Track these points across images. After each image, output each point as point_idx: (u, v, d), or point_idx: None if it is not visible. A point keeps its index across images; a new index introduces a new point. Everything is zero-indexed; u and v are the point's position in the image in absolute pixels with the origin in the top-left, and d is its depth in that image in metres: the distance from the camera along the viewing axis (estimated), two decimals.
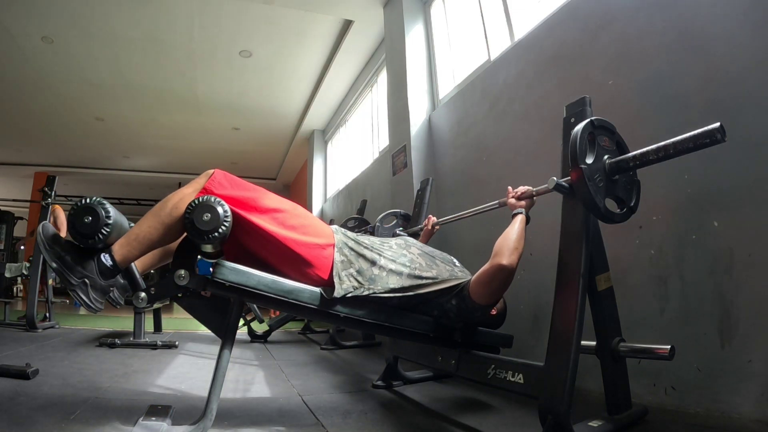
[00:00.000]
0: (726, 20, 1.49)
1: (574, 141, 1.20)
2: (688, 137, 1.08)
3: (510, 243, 1.36)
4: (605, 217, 1.25)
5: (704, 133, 1.04)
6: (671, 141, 1.12)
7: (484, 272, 1.37)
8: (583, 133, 1.22)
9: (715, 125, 1.02)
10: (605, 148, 1.28)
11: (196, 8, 4.09)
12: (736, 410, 1.35)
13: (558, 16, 2.27)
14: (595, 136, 1.25)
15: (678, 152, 1.12)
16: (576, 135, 1.21)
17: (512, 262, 1.32)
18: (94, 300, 1.14)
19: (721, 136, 1.02)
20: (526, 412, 1.51)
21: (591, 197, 1.19)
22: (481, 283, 1.38)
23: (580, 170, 1.18)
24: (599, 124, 1.27)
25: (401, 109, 3.54)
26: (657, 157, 1.16)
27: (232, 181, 1.27)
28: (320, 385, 2.00)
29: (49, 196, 3.70)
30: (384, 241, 1.53)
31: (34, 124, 6.80)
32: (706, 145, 1.05)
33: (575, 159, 1.19)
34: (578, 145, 1.20)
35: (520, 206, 1.50)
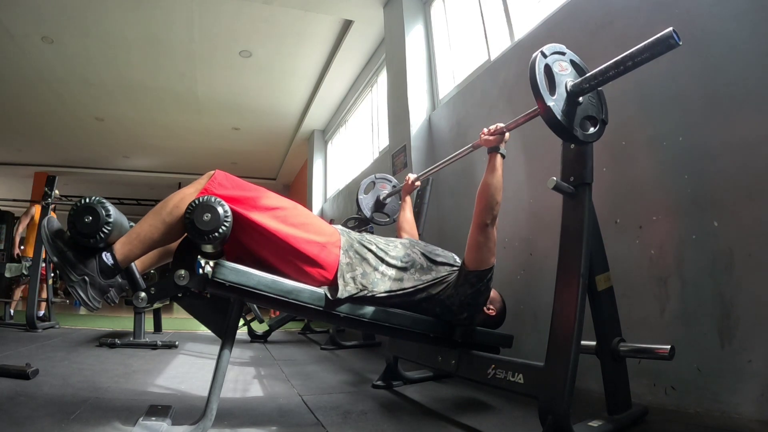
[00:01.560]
0: (726, 20, 1.49)
1: (532, 77, 1.20)
2: (643, 47, 1.08)
3: (491, 197, 1.41)
4: (583, 141, 1.26)
5: (658, 41, 1.05)
6: (627, 53, 1.11)
7: (473, 240, 1.43)
8: (538, 65, 1.21)
9: (668, 30, 1.03)
10: (562, 73, 1.26)
11: (196, 8, 4.09)
12: (736, 410, 1.35)
13: (558, 16, 2.27)
14: (551, 65, 1.25)
15: (636, 64, 1.11)
16: (532, 70, 1.21)
17: (494, 218, 1.42)
18: (92, 298, 1.14)
19: (675, 41, 1.03)
20: (526, 412, 1.51)
21: (565, 127, 1.20)
22: (473, 250, 1.43)
23: (546, 106, 1.18)
24: (550, 51, 1.27)
25: (401, 109, 3.54)
26: (617, 71, 1.14)
27: (232, 181, 1.27)
28: (320, 385, 2.00)
29: (49, 195, 3.70)
30: (389, 240, 1.53)
31: (34, 124, 6.80)
32: (662, 52, 1.06)
33: (538, 94, 1.19)
34: (537, 80, 1.19)
35: (494, 143, 1.50)
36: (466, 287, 1.43)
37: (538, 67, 1.21)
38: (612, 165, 1.82)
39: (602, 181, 1.72)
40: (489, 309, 1.57)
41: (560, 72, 1.25)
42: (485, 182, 1.45)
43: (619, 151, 1.82)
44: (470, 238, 1.45)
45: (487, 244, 1.42)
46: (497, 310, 1.60)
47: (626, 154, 1.80)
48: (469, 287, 1.43)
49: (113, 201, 2.70)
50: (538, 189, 2.23)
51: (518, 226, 2.36)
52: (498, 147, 1.49)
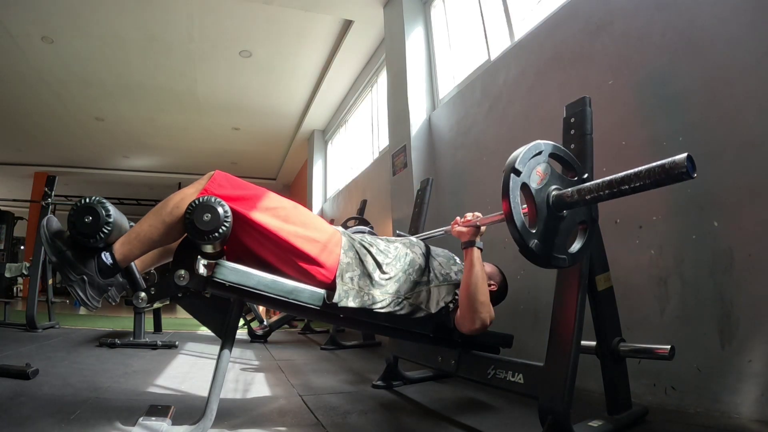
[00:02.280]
0: (726, 20, 1.49)
1: (506, 206, 1.00)
2: (648, 171, 0.88)
3: (473, 299, 1.35)
4: (570, 264, 1.10)
5: (668, 170, 0.84)
6: (626, 175, 0.93)
7: (462, 327, 1.41)
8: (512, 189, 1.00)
9: (682, 157, 0.82)
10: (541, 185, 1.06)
11: (196, 8, 4.09)
12: (736, 410, 1.35)
13: (558, 16, 2.27)
14: (528, 182, 1.03)
15: (634, 189, 0.92)
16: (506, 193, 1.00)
17: (483, 321, 1.36)
18: (91, 298, 1.14)
19: (688, 173, 0.81)
20: (526, 412, 1.51)
21: (547, 261, 1.03)
22: (462, 330, 1.42)
23: (525, 245, 1.00)
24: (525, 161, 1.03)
25: (401, 109, 3.54)
26: (610, 192, 0.96)
27: (232, 181, 1.27)
28: (320, 385, 2.00)
29: (49, 195, 3.70)
30: (390, 241, 1.53)
31: (34, 124, 6.81)
32: (669, 182, 0.86)
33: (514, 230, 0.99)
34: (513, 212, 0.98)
35: (468, 236, 1.41)
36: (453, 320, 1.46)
37: (513, 192, 1.00)
38: (612, 165, 1.82)
39: None
40: (490, 284, 1.55)
41: (539, 185, 1.05)
42: (464, 283, 1.37)
43: (619, 151, 1.82)
44: (461, 327, 1.40)
45: (479, 334, 1.42)
46: (498, 283, 1.60)
47: (626, 154, 1.80)
48: None
49: (113, 201, 2.71)
50: None
51: None
52: (472, 242, 1.40)
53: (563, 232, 1.09)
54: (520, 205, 1.02)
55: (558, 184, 1.08)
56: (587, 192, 1.00)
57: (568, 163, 1.16)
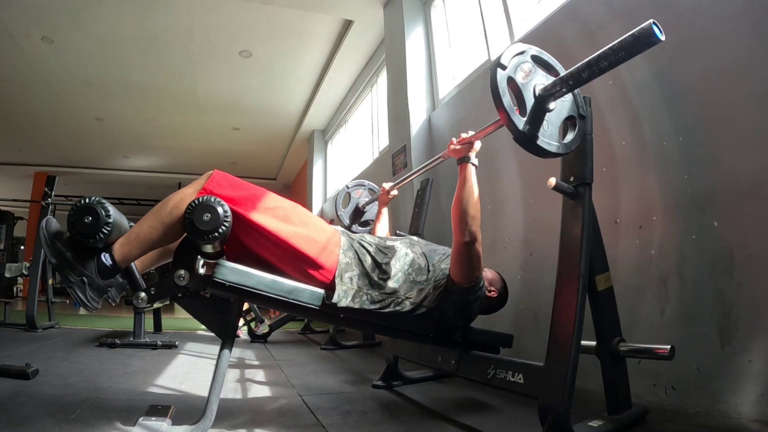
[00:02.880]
0: (726, 20, 1.49)
1: (494, 93, 1.08)
2: (620, 45, 0.95)
3: (464, 212, 1.35)
4: (563, 152, 1.17)
5: (637, 37, 0.92)
6: (602, 52, 0.98)
7: (454, 256, 1.39)
8: (500, 82, 1.07)
9: (647, 24, 0.90)
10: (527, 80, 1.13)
11: (195, 8, 4.09)
12: (736, 410, 1.35)
13: (558, 16, 2.27)
14: (513, 76, 1.10)
15: (612, 63, 0.98)
16: (494, 86, 1.07)
17: (473, 234, 1.35)
18: (91, 299, 1.14)
19: (656, 37, 0.88)
20: (526, 412, 1.50)
21: (533, 142, 1.09)
22: (456, 266, 1.39)
23: (511, 121, 1.06)
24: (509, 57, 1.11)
25: (401, 109, 3.54)
26: (590, 72, 1.01)
27: (231, 181, 1.27)
28: (320, 385, 2.00)
29: (49, 195, 3.70)
30: (389, 240, 1.53)
31: (34, 124, 6.81)
32: (641, 49, 0.93)
33: (501, 107, 1.07)
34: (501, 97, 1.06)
35: (464, 152, 1.43)
36: (454, 297, 1.42)
37: (500, 84, 1.08)
38: (612, 165, 1.82)
39: (602, 181, 1.73)
40: (490, 291, 1.55)
41: (524, 80, 1.12)
42: (456, 197, 1.38)
43: (619, 151, 1.82)
44: (452, 254, 1.40)
45: (470, 263, 1.37)
46: (498, 290, 1.59)
47: (626, 154, 1.80)
48: (457, 297, 1.42)
49: (113, 201, 2.71)
50: (537, 189, 2.24)
51: (518, 226, 2.36)
52: (467, 157, 1.42)
53: (554, 124, 1.15)
54: (509, 96, 1.08)
55: (543, 81, 1.14)
56: (568, 77, 1.05)
57: (550, 65, 1.20)
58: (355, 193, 2.76)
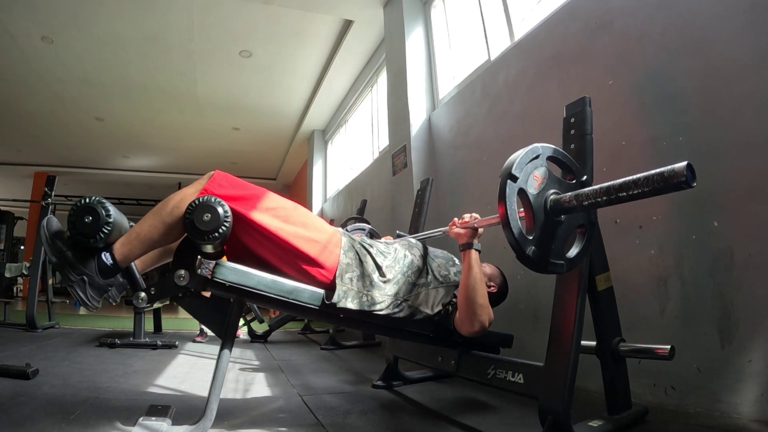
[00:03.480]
0: (726, 20, 1.49)
1: (503, 214, 1.00)
2: (647, 179, 0.87)
3: (472, 301, 1.33)
4: (556, 272, 1.08)
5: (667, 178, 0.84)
6: (625, 182, 0.92)
7: (461, 329, 1.39)
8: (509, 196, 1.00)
9: (681, 165, 0.82)
10: (537, 190, 1.05)
11: (195, 8, 4.09)
12: (736, 410, 1.35)
13: (558, 16, 2.27)
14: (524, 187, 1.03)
15: (632, 197, 0.91)
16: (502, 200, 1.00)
17: (482, 323, 1.34)
18: (92, 298, 1.14)
19: (687, 182, 0.81)
20: (526, 412, 1.51)
21: (543, 267, 1.03)
22: (461, 332, 1.41)
23: (523, 252, 1.00)
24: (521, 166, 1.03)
25: (401, 109, 3.54)
26: (608, 199, 0.95)
27: (232, 181, 1.27)
28: (320, 385, 2.00)
29: (49, 195, 3.70)
30: (389, 244, 1.53)
31: (34, 124, 6.80)
32: (668, 190, 0.85)
33: (512, 241, 1.00)
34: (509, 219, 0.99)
35: (466, 238, 1.41)
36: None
37: (509, 198, 0.99)
38: (612, 165, 1.82)
39: (602, 181, 1.72)
40: (490, 286, 1.55)
41: (536, 190, 1.04)
42: (462, 285, 1.36)
43: (619, 151, 1.82)
44: (460, 329, 1.39)
45: (478, 336, 1.40)
46: (498, 285, 1.59)
47: (626, 154, 1.80)
48: None
49: (113, 201, 2.70)
50: None
51: None
52: (470, 244, 1.39)
53: (561, 237, 1.08)
54: (517, 211, 1.01)
55: (556, 188, 1.07)
56: (585, 198, 0.99)
57: (567, 166, 1.16)
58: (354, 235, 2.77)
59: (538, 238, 1.03)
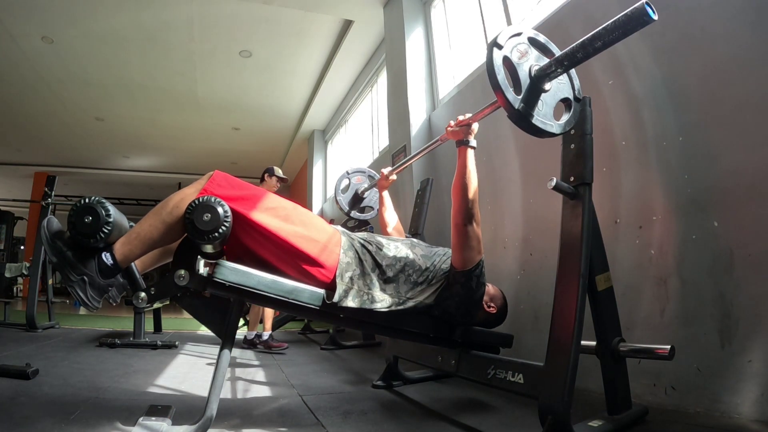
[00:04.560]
0: (726, 20, 1.49)
1: (490, 72, 1.09)
2: (614, 24, 0.96)
3: (464, 194, 1.37)
4: (559, 132, 1.18)
5: (631, 17, 0.92)
6: (596, 32, 1.00)
7: (455, 239, 1.41)
8: (496, 60, 1.09)
9: (640, 4, 0.90)
10: (522, 60, 1.14)
11: (195, 8, 4.09)
12: (736, 410, 1.35)
13: (558, 16, 2.27)
14: (509, 55, 1.12)
15: (606, 43, 1.00)
16: (490, 66, 1.09)
17: (473, 215, 1.37)
18: (92, 298, 1.14)
19: (649, 16, 0.89)
20: (526, 412, 1.51)
21: (529, 121, 1.10)
22: (457, 249, 1.41)
23: (506, 100, 1.07)
24: (506, 38, 1.13)
25: (401, 109, 3.54)
26: (585, 53, 1.03)
27: (232, 181, 1.27)
28: (320, 385, 2.00)
29: (49, 195, 3.70)
30: (390, 240, 1.53)
31: (34, 124, 6.81)
32: (635, 28, 0.94)
33: (497, 87, 1.08)
34: (497, 76, 1.07)
35: (461, 135, 1.46)
36: (457, 287, 1.43)
37: (496, 62, 1.10)
38: (612, 165, 1.82)
39: (602, 181, 1.73)
40: (490, 307, 1.56)
41: (520, 60, 1.14)
42: (456, 179, 1.41)
43: (619, 151, 1.82)
44: (452, 239, 1.43)
45: (468, 243, 1.40)
46: (498, 307, 1.59)
47: (626, 154, 1.80)
48: (460, 287, 1.43)
49: (113, 201, 2.71)
50: (537, 189, 2.24)
51: (518, 226, 2.36)
52: (466, 140, 1.45)
53: (548, 104, 1.16)
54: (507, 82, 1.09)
55: (538, 62, 1.16)
56: (563, 57, 1.07)
57: (547, 48, 1.21)
58: (354, 179, 2.77)
59: (526, 98, 1.11)
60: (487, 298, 1.54)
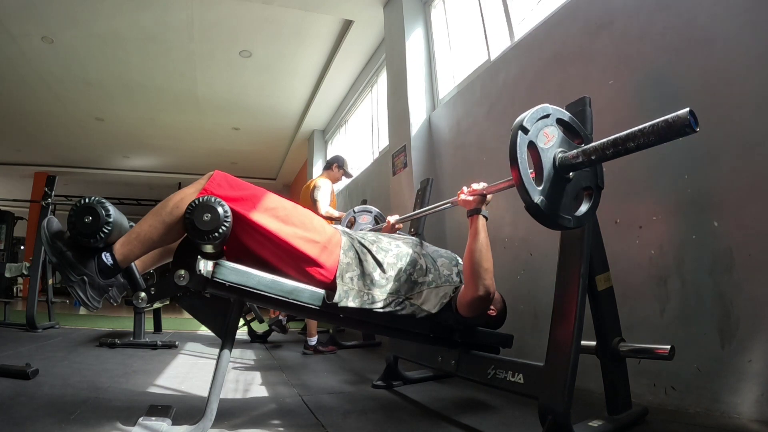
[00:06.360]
0: (726, 20, 1.49)
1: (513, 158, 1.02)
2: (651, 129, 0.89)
3: (478, 265, 1.33)
4: (576, 226, 1.11)
5: (671, 125, 0.85)
6: (631, 133, 0.93)
7: (466, 302, 1.38)
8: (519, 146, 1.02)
9: (684, 112, 0.83)
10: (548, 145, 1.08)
11: (195, 8, 4.09)
12: (736, 410, 1.35)
13: (558, 16, 2.27)
14: (535, 140, 1.05)
15: (639, 147, 0.93)
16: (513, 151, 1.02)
17: (487, 287, 1.33)
18: (92, 298, 1.14)
19: (691, 127, 0.83)
20: (526, 412, 1.51)
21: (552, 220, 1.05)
22: (466, 309, 1.39)
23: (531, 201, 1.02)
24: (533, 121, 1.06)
25: (401, 109, 3.54)
26: (615, 151, 0.96)
27: (231, 181, 1.27)
28: (320, 385, 2.00)
29: (49, 195, 3.70)
30: (392, 238, 1.53)
31: (34, 124, 6.80)
32: (672, 137, 0.87)
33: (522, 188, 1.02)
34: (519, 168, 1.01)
35: (474, 204, 1.41)
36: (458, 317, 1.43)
37: (520, 148, 1.02)
38: (612, 165, 1.82)
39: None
40: (490, 310, 1.56)
41: (546, 145, 1.07)
42: (468, 249, 1.35)
43: None
44: (463, 298, 1.38)
45: (481, 309, 1.39)
46: (498, 310, 1.59)
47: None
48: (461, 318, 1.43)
49: (113, 201, 2.71)
50: None
51: (518, 226, 2.36)
52: (478, 209, 1.40)
53: (569, 194, 1.10)
54: (528, 170, 1.03)
55: (564, 147, 1.09)
56: (592, 151, 1.01)
57: (575, 130, 1.17)
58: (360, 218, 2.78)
59: (547, 190, 1.05)
60: None
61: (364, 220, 2.76)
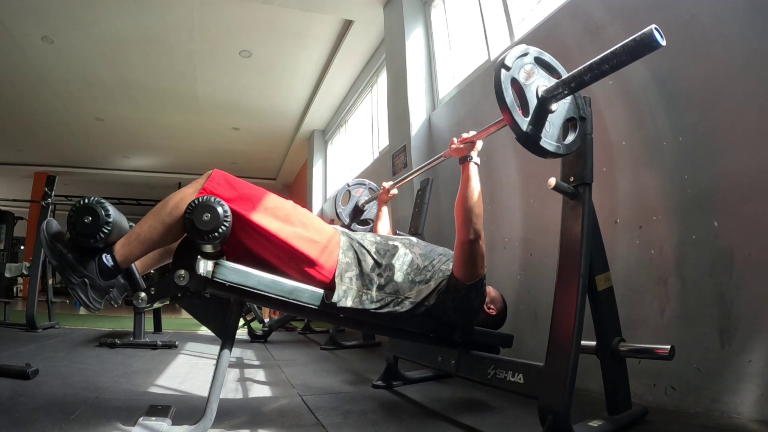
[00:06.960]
0: (726, 20, 1.49)
1: (498, 93, 1.09)
2: (622, 49, 0.96)
3: (469, 210, 1.35)
4: (564, 153, 1.18)
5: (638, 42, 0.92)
6: (604, 56, 1.00)
7: (458, 253, 1.39)
8: (504, 82, 1.09)
9: (649, 29, 0.90)
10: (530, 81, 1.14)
11: (195, 8, 4.09)
12: (736, 410, 1.35)
13: (558, 16, 2.27)
14: (517, 77, 1.12)
15: (613, 67, 0.99)
16: (498, 86, 1.09)
17: (477, 232, 1.35)
18: (93, 300, 1.14)
19: (657, 42, 0.89)
20: (526, 412, 1.50)
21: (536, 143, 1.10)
22: (460, 264, 1.39)
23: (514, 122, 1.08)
24: (513, 59, 1.12)
25: (401, 109, 3.55)
26: (592, 75, 1.03)
27: (231, 181, 1.27)
28: (320, 385, 2.00)
29: (49, 195, 3.70)
30: (390, 239, 1.53)
31: (34, 124, 6.81)
32: (643, 53, 0.93)
33: (505, 109, 1.09)
34: (505, 98, 1.08)
35: (465, 152, 1.44)
36: (457, 294, 1.41)
37: (504, 84, 1.09)
38: (612, 165, 1.82)
39: (602, 181, 1.72)
40: (489, 309, 1.56)
41: (527, 81, 1.14)
42: (460, 195, 1.38)
43: (619, 151, 1.82)
44: (456, 253, 1.40)
45: (473, 261, 1.37)
46: (498, 309, 1.59)
47: (626, 154, 1.80)
48: (460, 295, 1.41)
49: (113, 201, 2.71)
50: (537, 189, 2.24)
51: (518, 226, 2.36)
52: (469, 156, 1.43)
53: (555, 125, 1.17)
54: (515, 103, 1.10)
55: (545, 82, 1.15)
56: (570, 79, 1.07)
57: (553, 68, 1.21)
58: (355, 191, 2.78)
59: (533, 120, 1.11)
60: (487, 299, 1.54)
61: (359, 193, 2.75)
